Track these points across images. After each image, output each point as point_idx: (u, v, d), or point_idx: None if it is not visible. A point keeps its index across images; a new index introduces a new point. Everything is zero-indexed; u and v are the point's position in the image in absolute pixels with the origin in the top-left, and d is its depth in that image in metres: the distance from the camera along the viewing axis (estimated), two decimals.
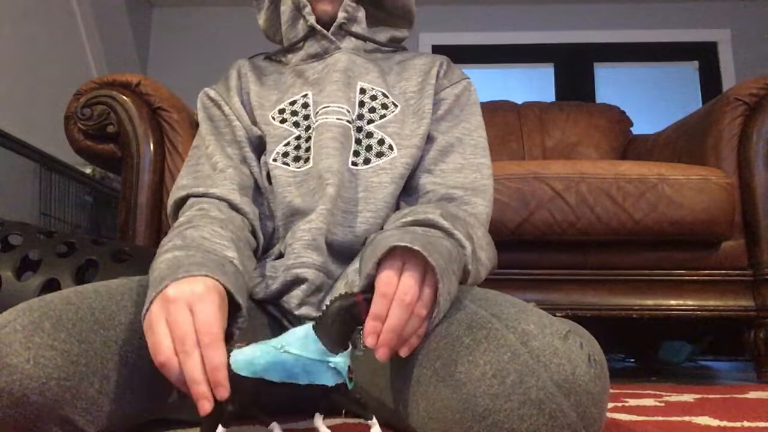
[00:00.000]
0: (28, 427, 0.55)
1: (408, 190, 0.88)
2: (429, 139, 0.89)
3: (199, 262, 0.63)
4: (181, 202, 0.84)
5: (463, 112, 0.92)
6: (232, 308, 0.63)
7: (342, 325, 0.58)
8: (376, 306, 0.57)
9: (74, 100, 1.48)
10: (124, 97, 1.48)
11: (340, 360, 0.57)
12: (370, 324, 0.56)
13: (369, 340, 0.56)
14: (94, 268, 1.04)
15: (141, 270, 1.03)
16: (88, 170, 2.58)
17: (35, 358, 0.55)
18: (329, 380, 0.56)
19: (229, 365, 0.55)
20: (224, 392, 0.53)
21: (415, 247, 0.57)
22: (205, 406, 0.53)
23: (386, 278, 0.57)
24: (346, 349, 0.58)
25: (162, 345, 0.55)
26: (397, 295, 0.56)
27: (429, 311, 0.59)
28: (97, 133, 1.48)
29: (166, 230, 0.87)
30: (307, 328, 0.58)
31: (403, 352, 0.59)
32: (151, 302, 0.59)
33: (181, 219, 0.79)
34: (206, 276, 0.60)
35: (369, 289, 0.60)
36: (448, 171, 0.86)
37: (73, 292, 0.63)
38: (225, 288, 0.61)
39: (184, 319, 0.56)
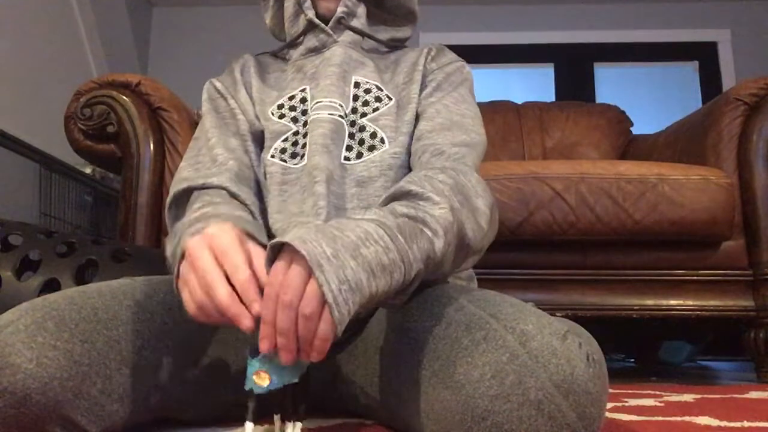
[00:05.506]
0: (31, 427, 0.56)
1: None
2: (418, 115, 0.87)
3: (211, 215, 0.68)
4: (182, 194, 0.83)
5: (452, 86, 0.90)
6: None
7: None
8: (262, 308, 0.55)
9: (74, 100, 1.48)
10: (124, 97, 1.48)
11: (254, 364, 0.56)
12: (261, 328, 0.54)
13: (263, 344, 0.54)
14: (94, 267, 1.05)
15: (141, 270, 1.03)
16: (88, 170, 2.58)
17: (38, 357, 0.55)
18: (247, 384, 0.57)
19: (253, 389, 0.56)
20: (257, 307, 0.55)
21: (291, 241, 0.53)
22: (246, 323, 0.55)
23: (271, 277, 0.55)
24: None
25: (194, 291, 0.58)
26: (279, 295, 0.53)
27: (319, 310, 0.53)
28: (97, 133, 1.48)
29: (166, 230, 0.86)
30: None
31: (313, 357, 0.54)
32: (179, 266, 0.62)
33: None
34: (223, 222, 0.64)
35: None
36: (436, 131, 0.84)
37: (76, 292, 0.63)
38: (244, 231, 0.64)
39: (206, 261, 0.58)
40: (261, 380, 0.56)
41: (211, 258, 0.59)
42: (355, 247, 0.55)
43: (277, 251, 0.56)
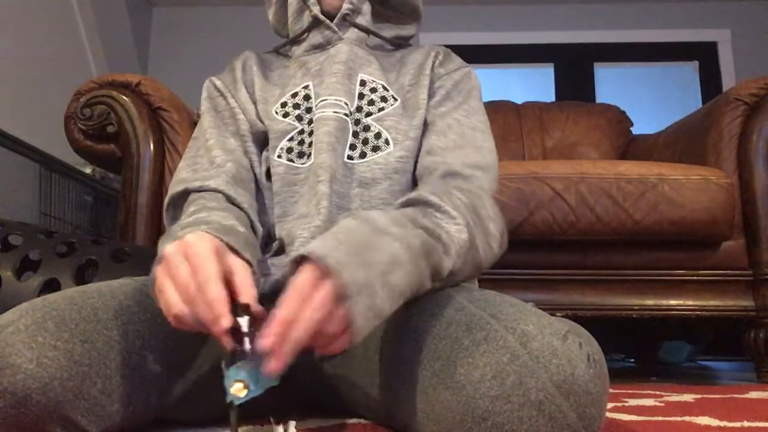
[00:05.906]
0: (31, 427, 0.56)
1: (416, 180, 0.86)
2: (428, 125, 0.87)
3: (202, 221, 0.66)
4: (179, 196, 0.83)
5: (462, 95, 0.90)
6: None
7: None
8: (284, 310, 0.52)
9: (74, 100, 1.48)
10: (124, 97, 1.48)
11: (230, 375, 0.55)
12: (274, 326, 0.51)
13: (267, 341, 0.51)
14: (94, 267, 1.05)
15: (141, 270, 1.03)
16: (88, 170, 2.58)
17: (38, 358, 0.55)
18: (227, 397, 0.55)
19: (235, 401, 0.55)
20: (225, 323, 0.54)
21: (330, 263, 0.52)
22: (225, 342, 0.54)
23: (303, 284, 0.53)
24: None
25: (170, 300, 0.57)
26: (310, 310, 0.52)
27: (341, 332, 0.54)
28: (97, 133, 1.48)
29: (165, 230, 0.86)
30: None
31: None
32: (155, 270, 0.60)
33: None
34: (204, 232, 0.62)
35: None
36: (449, 148, 0.83)
37: (77, 292, 0.63)
38: (228, 245, 0.63)
39: (182, 270, 0.57)
40: (239, 391, 0.55)
41: (188, 269, 0.57)
42: (384, 274, 0.56)
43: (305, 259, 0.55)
